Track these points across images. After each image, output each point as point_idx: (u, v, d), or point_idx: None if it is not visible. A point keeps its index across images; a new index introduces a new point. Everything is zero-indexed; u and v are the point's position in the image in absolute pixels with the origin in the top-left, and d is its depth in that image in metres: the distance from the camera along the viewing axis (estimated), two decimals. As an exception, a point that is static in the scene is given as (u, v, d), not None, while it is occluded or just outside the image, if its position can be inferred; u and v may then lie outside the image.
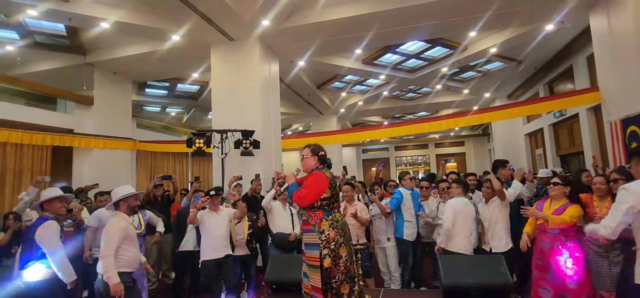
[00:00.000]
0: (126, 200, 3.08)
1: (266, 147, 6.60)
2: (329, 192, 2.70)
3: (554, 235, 3.00)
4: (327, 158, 2.89)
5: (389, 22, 6.41)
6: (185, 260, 4.62)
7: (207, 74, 9.26)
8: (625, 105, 5.50)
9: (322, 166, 2.82)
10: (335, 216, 2.70)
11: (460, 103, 13.22)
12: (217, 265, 3.87)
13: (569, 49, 8.13)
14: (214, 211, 3.99)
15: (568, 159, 9.59)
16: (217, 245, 3.90)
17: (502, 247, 3.70)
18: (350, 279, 2.61)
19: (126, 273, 2.96)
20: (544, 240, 3.06)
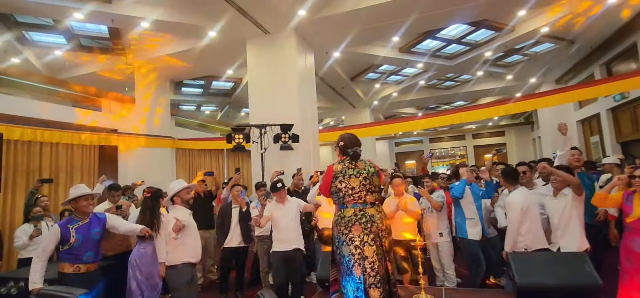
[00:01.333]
0: (179, 194, 3.08)
1: (304, 141, 6.46)
2: (337, 185, 2.53)
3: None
4: (349, 148, 2.62)
5: (431, 4, 6.05)
6: (230, 257, 4.59)
7: (241, 70, 9.31)
8: None
9: (345, 158, 2.63)
10: (343, 212, 2.51)
11: (501, 90, 12.47)
12: (284, 259, 3.82)
13: (633, 25, 7.34)
14: (281, 203, 3.94)
15: (631, 146, 8.73)
16: (284, 237, 3.87)
17: (574, 248, 3.28)
18: (379, 283, 2.36)
19: (188, 263, 3.06)
20: (636, 240, 2.66)
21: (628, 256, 2.72)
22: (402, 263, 4.30)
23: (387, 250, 2.50)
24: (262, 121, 6.14)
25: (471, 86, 12.22)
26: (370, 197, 2.54)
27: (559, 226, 3.42)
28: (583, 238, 3.36)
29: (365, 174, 2.55)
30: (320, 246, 4.30)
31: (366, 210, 2.50)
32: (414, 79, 10.98)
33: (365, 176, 2.54)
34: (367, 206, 2.52)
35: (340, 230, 2.48)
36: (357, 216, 2.48)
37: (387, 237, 2.52)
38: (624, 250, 2.78)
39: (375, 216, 2.49)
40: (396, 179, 4.45)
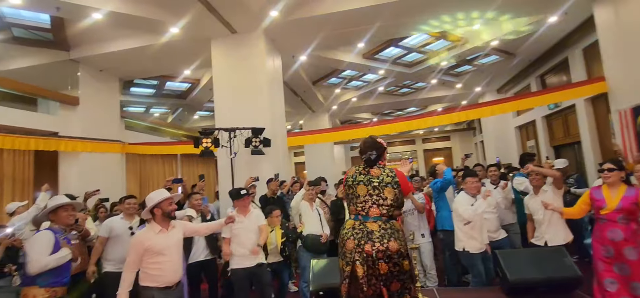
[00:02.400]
0: (160, 205, 2.71)
1: (275, 145, 6.27)
2: (347, 191, 2.41)
3: (626, 225, 2.88)
4: (363, 153, 2.46)
5: (396, 14, 6.26)
6: (198, 272, 4.25)
7: (199, 71, 8.82)
8: (634, 94, 5.61)
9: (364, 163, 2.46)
10: (345, 223, 2.39)
11: (451, 98, 13.35)
12: (248, 275, 3.55)
13: (565, 42, 8.29)
14: (242, 214, 3.66)
15: (561, 150, 9.85)
16: (246, 252, 3.57)
17: (561, 240, 3.54)
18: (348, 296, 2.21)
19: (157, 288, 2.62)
20: (615, 230, 2.93)
21: (606, 246, 2.96)
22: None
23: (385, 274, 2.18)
24: (229, 125, 5.83)
25: (424, 94, 12.91)
26: (375, 210, 2.28)
27: (544, 221, 3.67)
28: (567, 229, 3.64)
29: (375, 184, 2.30)
30: (306, 254, 4.16)
31: (366, 224, 2.27)
32: (373, 85, 11.30)
33: (375, 186, 2.30)
34: (368, 220, 2.27)
35: (342, 239, 2.33)
36: (354, 230, 2.29)
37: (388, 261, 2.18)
38: (600, 241, 3.01)
39: (374, 233, 2.22)
40: None
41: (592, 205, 3.10)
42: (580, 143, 8.53)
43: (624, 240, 2.85)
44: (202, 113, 13.00)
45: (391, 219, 2.30)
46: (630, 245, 2.80)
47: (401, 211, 2.40)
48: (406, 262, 2.24)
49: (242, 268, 3.56)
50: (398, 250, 2.21)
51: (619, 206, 2.94)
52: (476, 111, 8.28)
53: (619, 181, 3.06)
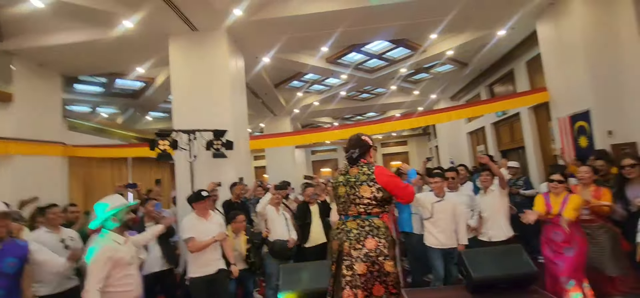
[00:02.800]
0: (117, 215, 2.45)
1: (237, 148, 6.05)
2: (332, 192, 2.53)
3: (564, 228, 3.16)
4: (348, 150, 2.47)
5: (360, 20, 6.36)
6: (153, 285, 3.94)
7: (154, 69, 8.32)
8: (572, 103, 6.20)
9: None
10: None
11: (408, 104, 13.89)
12: (208, 283, 3.35)
13: (511, 55, 8.99)
14: (203, 218, 3.46)
15: (508, 154, 10.62)
16: (206, 259, 3.38)
17: (502, 236, 3.81)
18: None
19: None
20: (557, 232, 3.19)
21: (550, 246, 3.24)
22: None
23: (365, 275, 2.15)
24: (188, 126, 5.53)
25: (384, 99, 13.29)
26: (353, 209, 2.30)
27: (489, 218, 3.91)
28: (509, 226, 3.92)
29: (352, 182, 2.32)
30: (272, 260, 4.03)
31: (347, 223, 2.30)
32: (335, 90, 11.40)
33: (352, 185, 2.31)
34: (348, 220, 2.31)
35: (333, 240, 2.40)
36: (337, 230, 2.36)
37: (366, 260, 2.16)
38: (547, 241, 3.29)
39: (352, 231, 2.25)
40: None
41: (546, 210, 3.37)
42: (524, 148, 9.26)
43: (563, 241, 3.13)
44: (156, 114, 12.27)
45: (371, 216, 2.28)
46: (568, 245, 3.09)
47: (385, 208, 2.33)
48: (389, 262, 2.20)
49: (201, 277, 3.36)
50: (376, 247, 2.19)
51: (561, 211, 3.23)
52: (434, 117, 8.66)
53: (564, 189, 3.36)
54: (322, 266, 3.59)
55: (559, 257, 3.16)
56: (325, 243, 4.62)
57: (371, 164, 2.41)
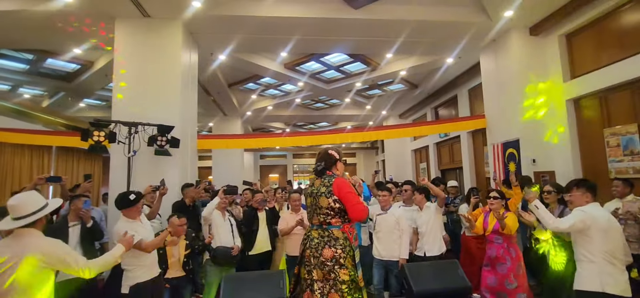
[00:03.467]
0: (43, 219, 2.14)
1: (183, 147, 5.71)
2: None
3: (499, 244, 3.43)
4: (316, 162, 2.64)
5: (318, 30, 6.44)
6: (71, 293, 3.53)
7: (95, 52, 7.61)
8: (505, 131, 6.83)
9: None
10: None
11: (360, 118, 14.29)
12: (151, 290, 3.08)
13: (456, 82, 9.70)
14: (136, 220, 3.18)
15: (447, 173, 11.39)
16: (150, 262, 3.12)
17: (436, 251, 4.03)
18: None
19: None
20: (492, 248, 3.46)
21: (487, 261, 3.50)
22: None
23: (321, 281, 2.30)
24: (130, 118, 5.09)
25: (337, 110, 13.53)
26: (315, 218, 2.48)
27: (425, 233, 4.12)
28: (442, 242, 4.16)
29: (315, 193, 2.49)
30: (214, 268, 3.82)
31: (311, 232, 2.50)
32: (291, 96, 11.35)
33: (315, 195, 2.49)
34: (313, 229, 2.50)
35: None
36: (304, 238, 2.55)
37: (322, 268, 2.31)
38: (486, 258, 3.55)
39: (314, 240, 2.43)
40: (294, 194, 4.45)
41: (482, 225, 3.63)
42: (461, 168, 10.00)
43: (496, 257, 3.40)
44: (91, 101, 11.18)
45: (331, 226, 2.43)
46: (501, 261, 3.36)
47: (345, 217, 2.45)
48: (344, 270, 2.31)
49: (146, 281, 3.06)
50: (332, 257, 2.33)
51: (494, 228, 3.51)
52: (384, 133, 9.01)
53: (501, 206, 3.64)
54: (265, 276, 3.48)
55: (492, 273, 3.42)
56: (270, 252, 4.51)
57: (333, 176, 2.53)
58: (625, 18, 5.30)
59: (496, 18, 6.20)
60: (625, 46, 5.23)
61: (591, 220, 2.58)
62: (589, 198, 2.76)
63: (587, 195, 2.76)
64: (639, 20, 5.09)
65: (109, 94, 10.24)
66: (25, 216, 2.05)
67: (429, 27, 6.45)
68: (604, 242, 2.55)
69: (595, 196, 2.81)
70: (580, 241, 2.68)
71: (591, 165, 5.81)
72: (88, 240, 3.75)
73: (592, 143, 5.80)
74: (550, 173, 6.17)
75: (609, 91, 5.51)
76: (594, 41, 5.80)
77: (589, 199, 2.76)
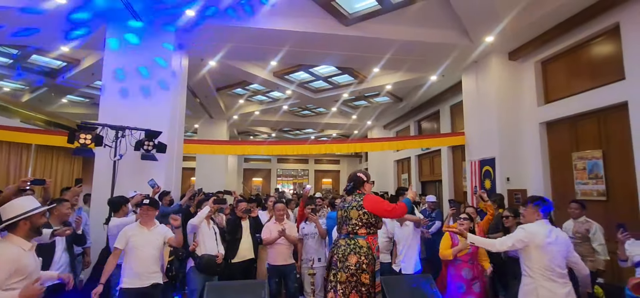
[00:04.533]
0: (30, 218, 2.20)
1: (170, 151, 5.74)
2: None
3: (471, 264, 3.64)
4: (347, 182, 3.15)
5: (307, 43, 6.61)
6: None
7: (80, 50, 7.55)
8: (482, 149, 7.16)
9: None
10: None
11: (346, 127, 14.51)
12: (140, 296, 3.14)
13: (439, 98, 10.04)
14: (145, 227, 3.26)
15: (427, 185, 11.72)
16: (143, 271, 3.18)
17: (411, 268, 4.21)
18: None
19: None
20: (466, 269, 3.66)
21: (460, 283, 3.67)
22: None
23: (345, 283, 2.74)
24: (117, 121, 5.12)
25: (324, 118, 13.71)
26: (344, 228, 2.95)
27: (403, 250, 4.30)
28: (417, 260, 4.34)
29: (346, 207, 2.97)
30: (197, 275, 3.89)
31: (340, 241, 2.92)
32: (278, 103, 11.46)
33: (346, 209, 2.96)
34: (341, 237, 2.94)
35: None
36: (334, 246, 2.97)
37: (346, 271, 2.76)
38: (456, 277, 3.73)
39: (341, 247, 2.88)
40: (279, 204, 4.57)
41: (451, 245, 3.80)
42: (441, 181, 10.33)
43: (472, 278, 3.60)
44: (74, 97, 10.98)
45: (357, 236, 2.87)
46: (477, 280, 3.57)
47: (370, 229, 2.91)
48: (365, 275, 2.76)
49: (134, 288, 3.13)
50: (356, 262, 2.78)
51: (469, 250, 3.70)
52: (368, 145, 9.24)
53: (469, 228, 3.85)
54: (247, 286, 3.58)
55: (470, 294, 3.61)
56: (253, 260, 4.60)
57: (362, 194, 3.02)
58: (595, 50, 5.70)
59: (478, 42, 6.53)
60: (595, 77, 5.62)
61: (530, 237, 2.78)
62: (539, 216, 2.90)
63: (537, 213, 2.91)
64: (607, 54, 5.48)
65: (93, 92, 10.11)
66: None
67: (415, 47, 6.73)
68: (540, 259, 2.74)
69: (547, 214, 2.97)
70: (522, 257, 2.93)
71: (560, 186, 6.17)
72: (71, 245, 3.76)
73: (561, 165, 6.17)
74: (522, 191, 6.50)
75: (578, 118, 5.89)
76: (567, 69, 6.19)
77: (539, 217, 2.90)
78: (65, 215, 3.71)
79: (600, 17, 5.30)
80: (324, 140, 12.29)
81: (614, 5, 5.02)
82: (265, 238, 4.41)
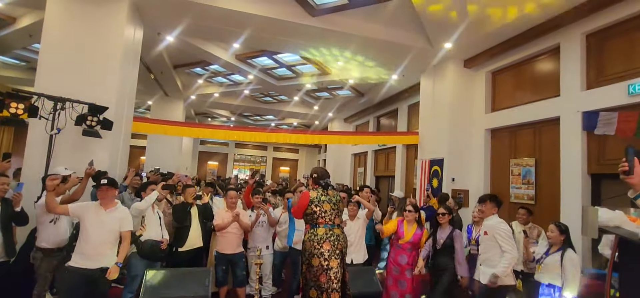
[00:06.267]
0: None
1: (116, 129, 5.38)
2: (312, 208, 3.16)
3: (409, 252, 3.89)
4: (321, 179, 3.30)
5: (272, 29, 6.48)
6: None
7: (16, 8, 6.81)
8: (433, 150, 7.54)
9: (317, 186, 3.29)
10: (316, 231, 3.11)
11: (307, 117, 14.54)
12: (84, 280, 2.95)
13: (398, 96, 10.38)
14: (103, 208, 3.07)
15: (381, 180, 12.14)
16: (91, 253, 3.01)
17: (361, 259, 4.40)
18: (338, 288, 3.00)
19: None
20: (403, 255, 3.91)
21: (396, 266, 3.92)
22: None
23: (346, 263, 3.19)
24: (56, 91, 4.69)
25: (285, 107, 13.60)
26: (337, 219, 3.21)
27: (353, 243, 4.45)
28: (366, 251, 4.54)
29: (335, 201, 3.25)
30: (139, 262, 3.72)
31: (334, 230, 3.15)
32: (239, 87, 11.17)
33: (335, 203, 3.24)
34: (335, 227, 3.17)
35: (313, 244, 3.05)
36: (327, 235, 3.10)
37: (346, 253, 3.19)
38: (393, 262, 3.97)
39: (340, 235, 3.18)
40: (231, 191, 4.50)
41: (396, 233, 4.05)
42: (394, 177, 10.75)
43: (407, 264, 3.86)
44: (7, 59, 9.87)
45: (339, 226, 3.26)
46: (410, 267, 3.82)
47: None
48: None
49: (81, 269, 2.96)
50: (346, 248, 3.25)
51: (411, 239, 3.95)
52: (327, 138, 9.36)
53: (414, 220, 4.09)
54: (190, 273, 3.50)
55: (402, 277, 3.85)
56: (201, 249, 4.49)
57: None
58: (537, 67, 6.20)
59: (437, 47, 6.82)
60: (535, 91, 6.13)
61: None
62: (495, 210, 3.63)
63: (494, 208, 3.63)
64: (547, 71, 6.00)
65: (30, 55, 9.16)
66: None
67: (376, 45, 6.87)
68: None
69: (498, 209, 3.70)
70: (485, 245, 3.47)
71: (497, 188, 6.69)
72: (8, 223, 3.44)
73: (500, 169, 6.69)
74: (465, 191, 6.97)
75: (518, 128, 6.41)
76: (513, 81, 6.68)
77: (495, 211, 3.63)
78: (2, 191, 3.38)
79: (544, 37, 5.76)
80: (284, 129, 12.20)
81: (557, 26, 5.47)
82: (217, 224, 4.28)
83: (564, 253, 3.36)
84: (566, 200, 5.23)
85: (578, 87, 5.26)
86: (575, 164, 5.17)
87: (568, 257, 3.32)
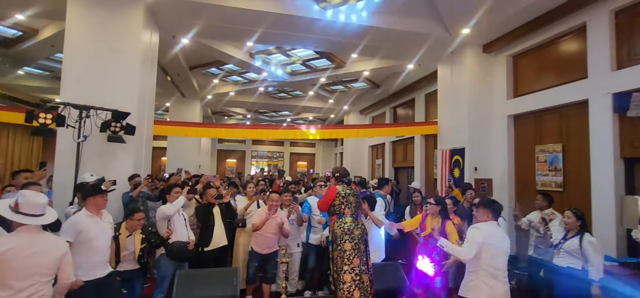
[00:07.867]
0: None
1: (139, 133, 5.51)
2: (340, 200, 3.54)
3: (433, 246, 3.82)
4: (345, 177, 3.72)
5: (284, 25, 6.46)
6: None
7: (38, 20, 7.03)
8: (453, 139, 7.38)
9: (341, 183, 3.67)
10: (344, 219, 3.48)
11: (321, 111, 14.48)
12: (97, 288, 3.03)
13: (415, 86, 10.19)
14: (97, 216, 3.11)
15: (399, 172, 12.00)
16: (98, 261, 3.05)
17: (377, 258, 4.30)
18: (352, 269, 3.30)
19: None
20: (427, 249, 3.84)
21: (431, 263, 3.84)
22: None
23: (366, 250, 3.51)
24: (80, 99, 4.84)
25: (300, 102, 13.60)
26: (359, 211, 3.67)
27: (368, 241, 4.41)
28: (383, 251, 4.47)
29: (357, 194, 3.68)
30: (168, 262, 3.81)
31: (358, 221, 3.56)
32: (254, 84, 11.23)
33: (357, 197, 3.66)
34: (360, 218, 3.63)
35: (344, 230, 3.44)
36: (355, 223, 3.50)
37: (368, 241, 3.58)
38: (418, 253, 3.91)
39: (363, 225, 3.59)
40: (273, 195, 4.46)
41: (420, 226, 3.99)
42: (413, 168, 10.60)
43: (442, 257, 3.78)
44: (31, 69, 10.23)
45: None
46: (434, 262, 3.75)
47: None
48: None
49: (92, 280, 3.00)
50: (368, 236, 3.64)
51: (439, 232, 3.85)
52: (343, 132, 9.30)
53: (437, 213, 3.99)
54: (219, 273, 3.56)
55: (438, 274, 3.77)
56: (225, 247, 4.54)
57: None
58: (562, 48, 5.94)
59: (455, 34, 6.63)
60: (560, 74, 5.88)
61: (484, 237, 2.89)
62: (490, 217, 3.03)
63: (488, 214, 3.04)
64: (573, 52, 5.74)
65: (53, 65, 9.46)
66: None
67: (392, 35, 6.74)
68: (490, 257, 2.88)
69: (497, 216, 3.11)
70: None
71: (522, 176, 6.50)
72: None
73: (525, 156, 6.48)
74: (488, 180, 6.80)
75: (542, 113, 6.18)
76: (535, 65, 6.43)
77: (489, 218, 3.03)
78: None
79: (569, 16, 5.50)
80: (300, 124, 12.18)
81: (583, 4, 5.22)
82: (255, 223, 4.26)
83: (582, 237, 3.50)
84: (597, 186, 5.02)
85: (607, 67, 5.01)
86: (606, 149, 4.95)
87: (587, 240, 3.46)
